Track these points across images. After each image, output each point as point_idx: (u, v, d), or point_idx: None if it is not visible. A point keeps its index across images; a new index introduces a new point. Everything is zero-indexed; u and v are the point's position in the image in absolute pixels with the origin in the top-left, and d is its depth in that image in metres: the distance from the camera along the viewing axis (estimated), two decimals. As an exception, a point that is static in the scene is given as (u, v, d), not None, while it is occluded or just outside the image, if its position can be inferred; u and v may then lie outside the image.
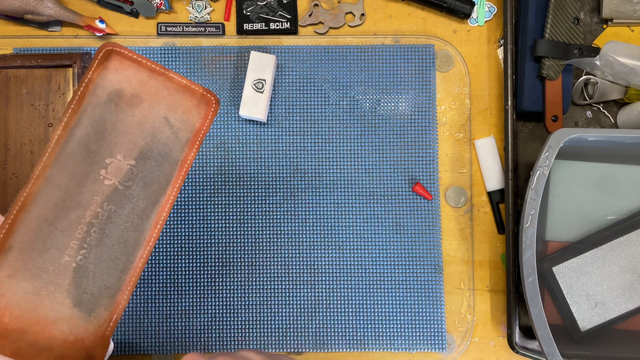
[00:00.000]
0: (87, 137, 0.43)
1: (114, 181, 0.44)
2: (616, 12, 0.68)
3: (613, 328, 0.64)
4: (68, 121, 0.43)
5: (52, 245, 0.42)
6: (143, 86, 0.45)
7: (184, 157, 0.46)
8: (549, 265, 0.64)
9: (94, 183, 0.43)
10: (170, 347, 0.68)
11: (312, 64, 0.70)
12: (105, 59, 0.45)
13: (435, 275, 0.69)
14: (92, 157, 0.43)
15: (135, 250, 0.44)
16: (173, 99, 0.46)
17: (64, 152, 0.43)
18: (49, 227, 0.42)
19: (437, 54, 0.70)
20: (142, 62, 0.46)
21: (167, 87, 0.46)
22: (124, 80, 0.45)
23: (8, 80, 0.68)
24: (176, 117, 0.46)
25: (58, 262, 0.42)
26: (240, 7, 0.70)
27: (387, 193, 0.69)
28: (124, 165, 0.44)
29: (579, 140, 0.59)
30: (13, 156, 0.68)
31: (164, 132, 0.45)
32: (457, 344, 0.68)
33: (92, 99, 0.44)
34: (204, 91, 0.47)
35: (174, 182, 0.45)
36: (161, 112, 0.45)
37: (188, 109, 0.46)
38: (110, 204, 0.43)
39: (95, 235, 0.43)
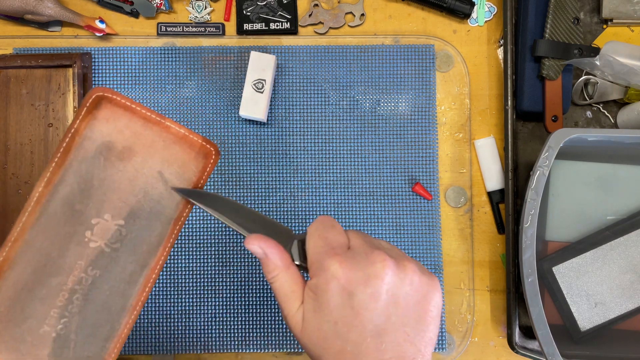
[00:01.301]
0: (71, 195, 0.39)
1: (100, 243, 0.39)
2: (616, 12, 0.68)
3: (613, 328, 0.64)
4: (51, 177, 0.39)
5: (30, 314, 0.38)
6: (136, 138, 0.40)
7: (177, 215, 0.42)
8: (549, 265, 0.64)
9: (78, 246, 0.39)
10: (170, 347, 0.68)
11: (312, 64, 0.70)
12: (94, 107, 0.40)
13: (435, 275, 0.68)
14: (77, 217, 0.39)
15: (120, 317, 0.40)
16: (169, 151, 0.41)
17: (46, 212, 0.39)
18: (28, 295, 0.38)
19: (437, 54, 0.70)
20: (137, 109, 0.41)
21: (163, 138, 0.41)
22: (115, 131, 0.40)
23: (8, 80, 0.68)
24: (171, 172, 0.41)
25: (37, 333, 0.38)
26: (240, 7, 0.70)
27: (387, 193, 0.69)
28: (112, 226, 0.40)
29: (579, 140, 0.59)
30: (13, 156, 0.68)
31: (157, 189, 0.41)
32: (457, 344, 0.68)
33: (78, 152, 0.40)
34: (203, 141, 0.43)
35: (166, 242, 0.41)
36: (155, 166, 0.41)
37: (185, 162, 0.42)
38: (95, 269, 0.39)
39: (78, 303, 0.39)
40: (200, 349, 0.68)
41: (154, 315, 0.68)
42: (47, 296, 0.39)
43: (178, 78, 0.70)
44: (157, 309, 0.68)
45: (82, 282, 0.39)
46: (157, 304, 0.68)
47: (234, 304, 0.68)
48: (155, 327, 0.68)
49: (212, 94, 0.70)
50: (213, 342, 0.68)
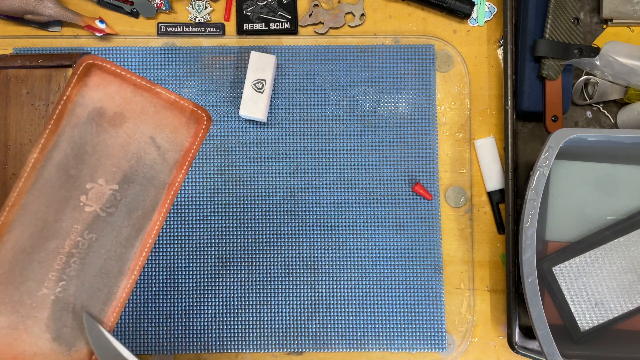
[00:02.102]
0: (65, 160, 0.40)
1: (95, 207, 0.40)
2: (616, 12, 0.68)
3: (613, 328, 0.64)
4: (45, 143, 0.40)
5: (29, 277, 0.39)
6: (127, 104, 0.41)
7: (171, 180, 0.42)
8: (549, 265, 0.64)
9: (74, 210, 0.40)
10: (170, 347, 0.68)
11: (312, 64, 0.70)
12: (85, 74, 0.41)
13: (435, 275, 0.69)
14: (72, 182, 0.40)
15: (118, 281, 0.41)
16: (160, 116, 0.42)
17: (41, 177, 0.40)
18: (26, 258, 0.39)
19: (437, 54, 0.70)
20: (126, 76, 0.42)
21: (154, 104, 0.42)
22: (106, 97, 0.41)
23: (8, 80, 0.68)
24: (163, 137, 0.42)
25: (36, 295, 0.40)
26: (240, 7, 0.70)
27: (387, 193, 0.69)
28: (106, 191, 0.41)
29: (579, 140, 0.59)
30: (13, 156, 0.68)
31: (150, 154, 0.42)
32: (457, 344, 0.68)
33: (70, 118, 0.41)
34: (194, 107, 0.43)
35: (161, 207, 0.42)
36: (147, 131, 0.42)
37: (176, 127, 0.43)
38: (91, 232, 0.40)
39: (75, 266, 0.40)
40: (200, 349, 0.68)
41: (154, 315, 0.68)
42: (44, 259, 0.40)
43: (178, 78, 0.70)
44: (157, 309, 0.68)
45: (79, 245, 0.40)
46: (157, 304, 0.68)
47: (234, 304, 0.68)
48: (155, 327, 0.68)
49: (212, 94, 0.70)
50: (213, 342, 0.68)
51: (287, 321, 0.68)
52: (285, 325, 0.68)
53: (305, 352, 0.68)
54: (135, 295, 0.68)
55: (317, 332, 0.68)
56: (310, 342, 0.68)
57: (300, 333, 0.68)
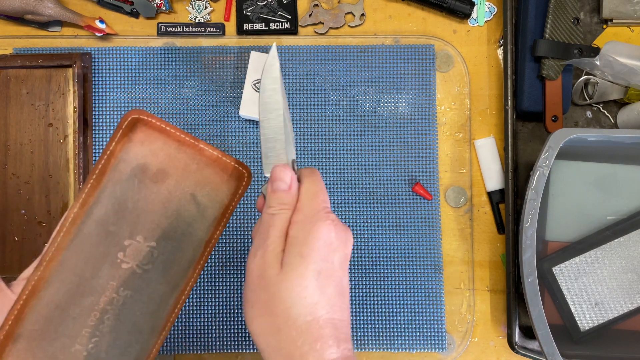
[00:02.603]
0: (105, 216, 0.39)
1: (132, 264, 0.40)
2: (616, 12, 0.68)
3: (613, 328, 0.64)
4: (86, 199, 0.39)
5: (62, 333, 0.39)
6: (170, 160, 0.41)
7: (208, 237, 0.42)
8: (549, 265, 0.64)
9: (111, 267, 0.39)
10: (170, 347, 0.68)
11: (312, 64, 0.70)
12: (130, 130, 0.40)
13: (435, 275, 0.69)
14: (111, 238, 0.40)
15: (150, 338, 0.40)
16: (202, 174, 0.42)
17: (81, 233, 0.39)
18: (61, 314, 0.39)
19: (437, 54, 0.70)
20: (172, 132, 0.41)
21: (197, 161, 0.41)
22: (150, 154, 0.40)
23: (8, 80, 0.68)
24: (204, 194, 0.41)
25: (68, 351, 0.39)
26: (240, 7, 0.70)
27: (387, 193, 0.69)
28: (144, 247, 0.40)
29: (579, 140, 0.59)
30: (13, 156, 0.68)
31: (190, 211, 0.41)
32: (457, 344, 0.68)
33: (113, 174, 0.40)
34: (236, 164, 0.43)
35: (196, 264, 0.41)
36: (188, 188, 0.41)
37: (217, 184, 0.42)
38: (126, 289, 0.40)
39: (109, 323, 0.39)
40: (200, 349, 0.68)
41: (154, 315, 0.68)
42: (79, 315, 0.39)
43: (178, 78, 0.70)
44: (157, 309, 0.68)
45: (113, 302, 0.39)
46: (157, 304, 0.68)
47: (234, 304, 0.68)
48: (155, 327, 0.68)
49: (212, 94, 0.70)
50: (213, 342, 0.68)
51: (287, 321, 0.68)
52: (285, 325, 0.68)
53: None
54: (135, 295, 0.68)
55: (317, 332, 0.68)
56: (310, 342, 0.68)
57: (300, 333, 0.68)
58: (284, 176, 0.39)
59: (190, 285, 0.41)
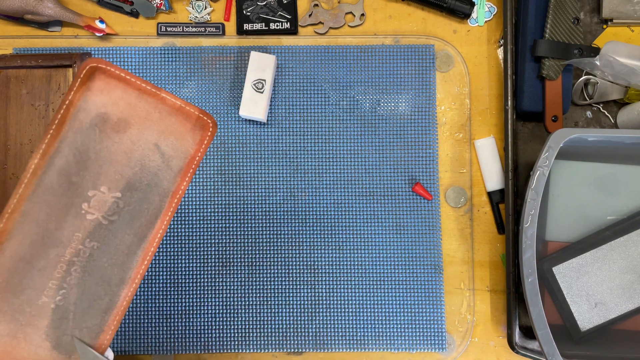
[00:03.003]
0: (67, 167, 0.39)
1: (97, 215, 0.40)
2: (616, 12, 0.68)
3: (613, 328, 0.64)
4: (46, 149, 0.39)
5: (28, 285, 0.39)
6: (131, 109, 0.40)
7: (175, 188, 0.41)
8: (549, 265, 0.64)
9: (75, 218, 0.39)
10: (170, 347, 0.68)
11: (312, 64, 0.70)
12: (88, 78, 0.40)
13: (435, 275, 0.69)
14: (74, 189, 0.39)
15: (119, 289, 0.40)
16: (165, 123, 0.41)
17: (42, 183, 0.39)
18: (26, 266, 0.39)
19: (437, 54, 0.70)
20: (131, 81, 0.40)
21: (159, 110, 0.41)
22: (110, 102, 0.40)
23: (8, 80, 0.68)
24: (168, 144, 0.41)
25: (35, 303, 0.39)
26: (240, 7, 0.70)
27: (387, 193, 0.69)
28: (109, 198, 0.40)
29: (579, 140, 0.59)
30: (13, 156, 0.68)
31: (154, 161, 0.41)
32: (457, 344, 0.68)
33: (73, 124, 0.39)
34: (200, 113, 0.42)
35: (164, 216, 0.41)
36: (151, 138, 0.41)
37: (181, 133, 0.42)
38: (92, 241, 0.40)
39: (76, 274, 0.39)
40: (200, 349, 0.68)
41: (154, 315, 0.68)
42: (45, 267, 0.39)
43: (178, 78, 0.70)
44: (157, 309, 0.68)
45: (80, 254, 0.39)
46: (157, 304, 0.68)
47: (234, 304, 0.68)
48: (155, 327, 0.68)
49: (212, 94, 0.70)
50: (213, 342, 0.68)
51: (287, 321, 0.68)
52: (285, 325, 0.68)
53: (305, 352, 0.68)
54: (136, 295, 0.68)
55: (317, 332, 0.68)
56: (310, 342, 0.68)
57: (300, 333, 0.68)
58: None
59: (159, 236, 0.41)
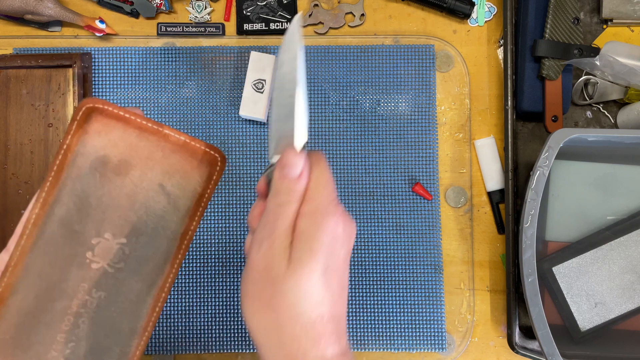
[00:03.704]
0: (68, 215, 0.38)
1: (103, 264, 0.38)
2: (616, 12, 0.68)
3: (613, 328, 0.64)
4: (46, 198, 0.37)
5: (36, 340, 0.37)
6: (132, 150, 0.38)
7: (184, 230, 0.40)
8: (549, 265, 0.64)
9: (80, 268, 0.38)
10: (170, 347, 0.68)
11: (312, 64, 0.70)
12: (85, 121, 0.38)
13: (435, 275, 0.69)
14: (76, 238, 0.38)
15: (130, 340, 0.38)
16: (169, 161, 0.39)
17: (44, 235, 0.37)
18: (32, 321, 0.37)
19: (437, 54, 0.70)
20: (131, 119, 0.38)
21: (162, 148, 0.39)
22: (109, 144, 0.38)
23: (8, 80, 0.68)
24: (173, 183, 0.39)
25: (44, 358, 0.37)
26: (240, 8, 0.70)
27: (387, 193, 0.69)
28: (114, 245, 0.38)
29: (579, 140, 0.59)
30: (13, 156, 0.68)
31: (159, 202, 0.39)
32: (457, 344, 0.68)
33: (72, 170, 0.38)
34: (206, 148, 0.40)
35: (173, 259, 0.39)
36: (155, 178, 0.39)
37: (187, 172, 0.39)
38: (99, 290, 0.38)
39: (84, 326, 0.38)
40: (200, 349, 0.68)
41: (154, 315, 0.68)
42: (52, 321, 0.38)
43: (178, 78, 0.70)
44: (157, 309, 0.68)
45: (87, 304, 0.38)
46: (157, 304, 0.68)
47: (234, 304, 0.68)
48: (156, 327, 0.68)
49: (212, 94, 0.70)
50: (213, 342, 0.68)
51: (287, 321, 0.68)
52: (285, 325, 0.68)
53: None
54: (135, 295, 0.68)
55: (317, 332, 0.68)
56: (310, 342, 0.68)
57: (300, 333, 0.68)
58: (296, 162, 0.36)
59: (170, 281, 0.39)
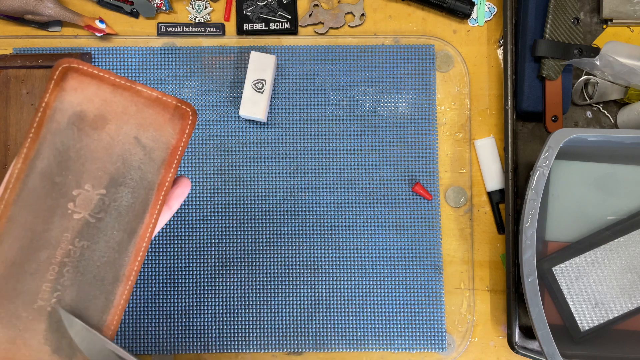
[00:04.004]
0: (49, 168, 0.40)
1: (84, 214, 0.40)
2: (616, 12, 0.68)
3: (613, 328, 0.64)
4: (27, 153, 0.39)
5: (22, 290, 0.39)
6: (107, 105, 0.41)
7: (160, 180, 0.42)
8: (549, 265, 0.64)
9: (63, 218, 0.40)
10: (170, 347, 0.68)
11: (312, 64, 0.70)
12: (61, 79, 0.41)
13: (435, 275, 0.69)
14: (58, 190, 0.40)
15: (114, 287, 0.40)
16: (142, 115, 0.41)
17: (26, 187, 0.39)
18: (18, 271, 0.39)
19: (437, 54, 0.70)
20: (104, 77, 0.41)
21: (135, 103, 0.41)
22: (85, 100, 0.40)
23: (8, 80, 0.68)
24: (148, 136, 0.41)
25: (31, 308, 0.39)
26: (240, 7, 0.70)
27: (387, 193, 0.69)
28: (94, 196, 0.40)
29: (579, 140, 0.59)
30: (13, 156, 0.68)
31: (136, 154, 0.41)
32: (457, 344, 0.68)
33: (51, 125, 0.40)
34: (177, 102, 0.42)
35: (152, 209, 0.41)
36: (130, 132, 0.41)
37: (161, 124, 0.42)
38: (82, 240, 0.40)
39: (69, 275, 0.39)
40: (200, 349, 0.68)
41: (154, 315, 0.68)
42: (37, 270, 0.39)
43: (178, 78, 0.70)
44: (157, 309, 0.68)
45: (70, 254, 0.40)
46: (157, 304, 0.68)
47: (234, 304, 0.68)
48: (155, 327, 0.68)
49: (212, 94, 0.70)
50: (213, 342, 0.68)
51: (287, 321, 0.68)
52: (285, 325, 0.68)
53: (305, 352, 0.68)
54: (135, 295, 0.68)
55: (317, 332, 0.68)
56: (310, 342, 0.68)
57: (300, 333, 0.68)
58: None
59: (150, 230, 0.41)
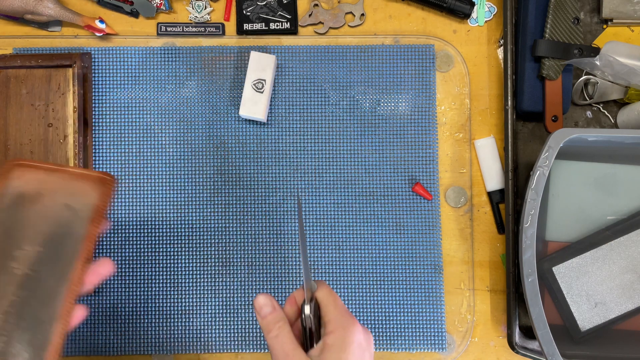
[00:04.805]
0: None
1: (25, 270, 0.47)
2: (616, 12, 0.68)
3: (613, 328, 0.64)
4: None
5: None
6: (43, 184, 0.50)
7: (88, 233, 0.49)
8: (549, 265, 0.64)
9: (7, 275, 0.47)
10: (170, 347, 0.68)
11: (312, 64, 0.70)
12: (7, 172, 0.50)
13: (435, 275, 0.69)
14: (3, 254, 0.47)
15: (50, 326, 0.46)
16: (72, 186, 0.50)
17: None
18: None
19: (437, 54, 0.70)
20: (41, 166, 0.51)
21: (65, 179, 0.50)
22: (24, 184, 0.49)
23: (8, 80, 0.68)
24: (76, 201, 0.50)
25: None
26: (240, 7, 0.70)
27: (387, 193, 0.69)
28: (32, 253, 0.48)
29: (579, 140, 0.59)
30: (13, 156, 0.68)
31: (66, 216, 0.49)
32: (457, 344, 0.68)
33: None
34: (99, 174, 0.51)
35: (80, 256, 0.48)
36: (61, 200, 0.50)
37: (86, 192, 0.50)
38: (24, 290, 0.47)
39: (13, 321, 0.46)
40: (200, 349, 0.68)
41: (154, 315, 0.68)
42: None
43: (178, 78, 0.70)
44: (157, 309, 0.68)
45: (14, 304, 0.46)
46: (157, 304, 0.68)
47: (234, 304, 0.68)
48: (155, 327, 0.68)
49: (212, 94, 0.70)
50: (213, 342, 0.68)
51: (287, 321, 0.68)
52: (285, 325, 0.68)
53: None
54: (135, 295, 0.68)
55: (317, 332, 0.68)
56: (310, 342, 0.68)
57: (300, 333, 0.68)
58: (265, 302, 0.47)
59: (79, 274, 0.48)
